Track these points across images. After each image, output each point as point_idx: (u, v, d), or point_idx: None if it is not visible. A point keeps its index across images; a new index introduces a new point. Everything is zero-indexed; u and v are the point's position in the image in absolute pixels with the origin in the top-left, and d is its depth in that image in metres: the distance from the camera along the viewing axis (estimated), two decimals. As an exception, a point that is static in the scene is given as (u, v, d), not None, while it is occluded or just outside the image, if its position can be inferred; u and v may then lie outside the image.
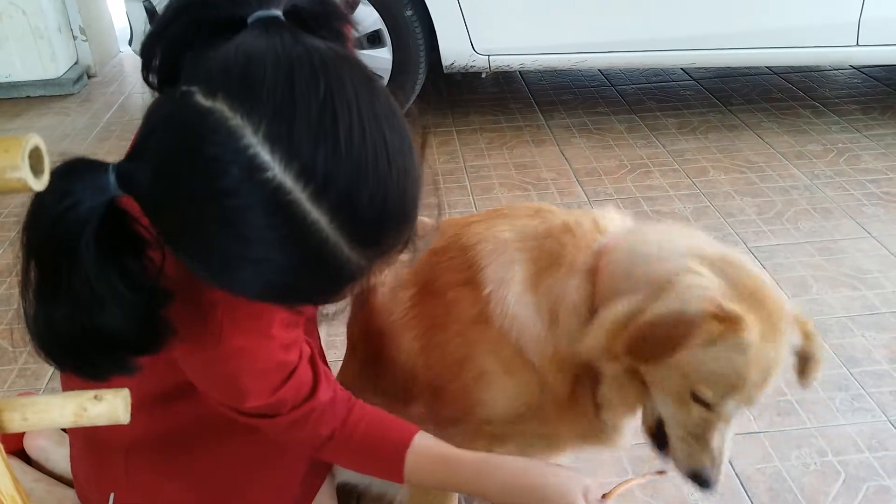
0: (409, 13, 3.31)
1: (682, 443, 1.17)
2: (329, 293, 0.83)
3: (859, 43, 3.19)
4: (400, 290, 1.34)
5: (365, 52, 3.41)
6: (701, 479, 1.16)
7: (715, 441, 1.14)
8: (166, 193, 0.72)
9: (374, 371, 1.42)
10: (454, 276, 1.28)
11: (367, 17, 3.33)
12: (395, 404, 1.32)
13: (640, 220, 1.31)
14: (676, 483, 1.70)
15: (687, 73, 4.31)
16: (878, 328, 2.21)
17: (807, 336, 1.18)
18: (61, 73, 4.26)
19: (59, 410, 0.60)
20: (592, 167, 3.28)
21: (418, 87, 3.54)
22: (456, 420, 1.30)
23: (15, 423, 0.60)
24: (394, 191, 0.76)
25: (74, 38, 4.42)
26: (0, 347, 2.22)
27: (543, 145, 3.54)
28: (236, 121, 0.69)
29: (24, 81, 4.21)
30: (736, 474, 1.75)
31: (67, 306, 0.72)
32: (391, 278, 1.33)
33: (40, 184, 0.49)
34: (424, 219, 0.89)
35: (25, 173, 0.48)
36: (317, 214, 0.71)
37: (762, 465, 1.78)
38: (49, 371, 2.11)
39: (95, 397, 0.60)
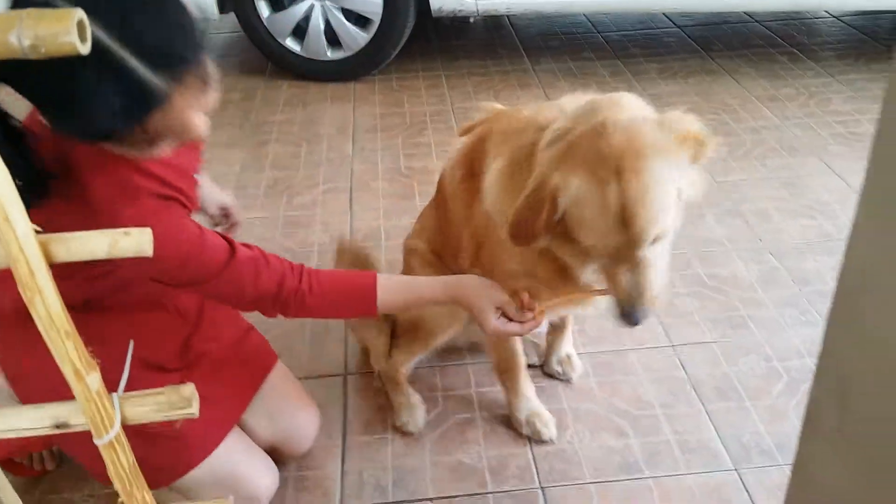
0: (398, -42, 3.41)
1: (605, 279, 1.37)
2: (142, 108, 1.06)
3: (832, -11, 3.30)
4: (455, 169, 1.62)
5: (355, -5, 3.52)
6: (625, 316, 1.34)
7: (624, 282, 1.31)
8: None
9: (441, 232, 1.77)
10: (480, 164, 1.53)
11: (358, -38, 3.44)
12: (452, 258, 1.73)
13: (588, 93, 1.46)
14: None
15: (671, 21, 4.42)
16: (829, 253, 2.38)
17: (697, 141, 1.27)
18: None
19: (96, 242, 0.75)
20: (574, 109, 3.42)
21: (407, 32, 3.64)
22: (490, 272, 1.55)
23: (62, 254, 0.76)
24: (166, 24, 1.05)
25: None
26: None
27: (529, 89, 3.67)
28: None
29: None
30: (687, 377, 1.94)
31: None
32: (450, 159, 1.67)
33: (85, 48, 0.64)
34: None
35: (74, 38, 0.62)
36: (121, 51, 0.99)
37: (712, 370, 1.96)
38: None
39: (125, 233, 0.76)
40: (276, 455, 1.63)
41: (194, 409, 0.87)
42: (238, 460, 1.51)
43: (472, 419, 1.85)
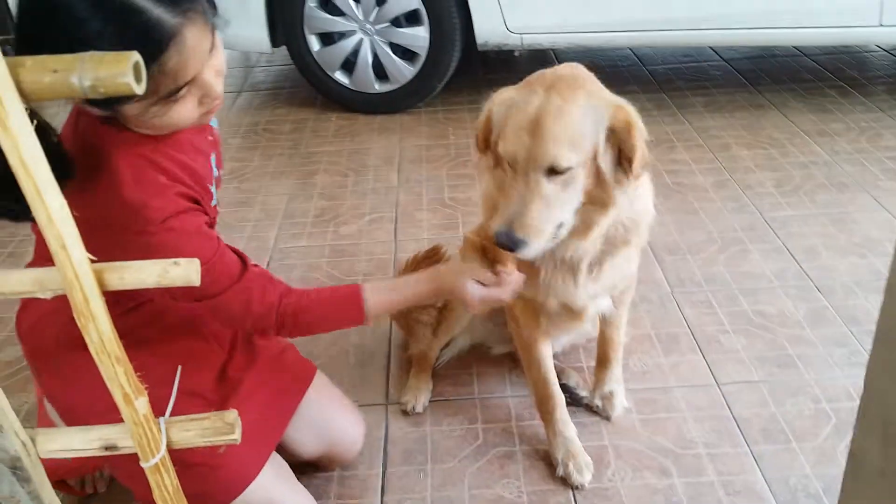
0: (446, -7, 3.48)
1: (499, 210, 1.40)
2: (158, 50, 1.09)
3: (882, 23, 3.26)
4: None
5: (403, 30, 3.59)
6: (497, 234, 1.36)
7: (507, 197, 1.36)
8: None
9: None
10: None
11: (406, -3, 3.51)
12: None
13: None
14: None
15: (717, 54, 4.41)
16: (880, 292, 2.30)
17: (622, 122, 1.33)
18: None
19: (148, 272, 0.78)
20: (619, 142, 3.41)
21: (454, 65, 3.70)
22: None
23: (115, 282, 0.79)
24: None
25: None
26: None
27: (573, 122, 3.67)
28: None
29: None
30: (733, 416, 1.90)
31: None
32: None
33: (140, 88, 0.67)
34: None
35: (130, 79, 0.66)
36: None
37: (758, 410, 1.92)
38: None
39: (175, 263, 0.79)
40: (327, 463, 1.69)
41: (237, 436, 0.89)
42: (274, 489, 1.51)
43: (512, 453, 1.84)
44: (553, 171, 1.32)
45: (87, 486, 1.75)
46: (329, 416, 1.68)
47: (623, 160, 1.35)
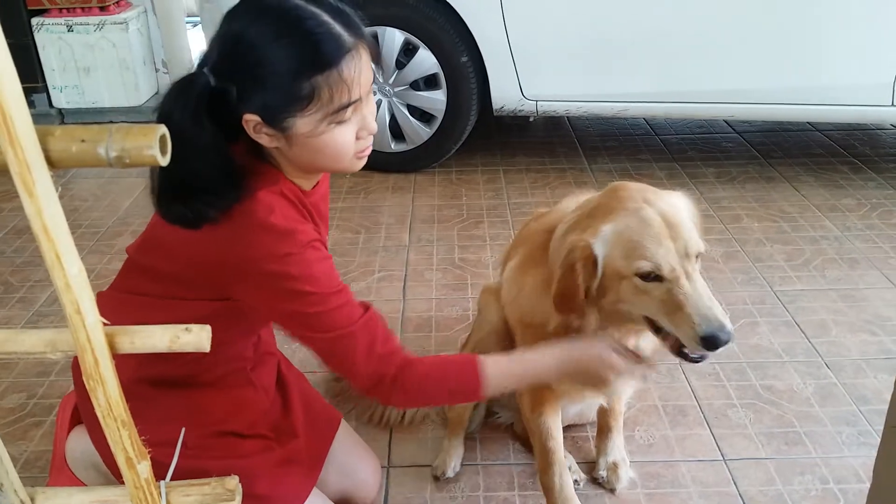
0: (464, 59, 3.56)
1: (669, 320, 1.37)
2: (338, 56, 1.21)
3: (894, 103, 3.30)
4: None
5: (422, 93, 3.66)
6: (709, 338, 1.32)
7: (691, 301, 1.34)
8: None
9: None
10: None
11: (426, 61, 3.58)
12: None
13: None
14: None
15: (730, 126, 4.46)
16: (891, 371, 2.31)
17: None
18: (143, 102, 4.62)
19: (159, 337, 0.79)
20: (630, 209, 3.44)
21: (469, 128, 3.76)
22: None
23: (126, 346, 0.80)
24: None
25: (157, 70, 4.79)
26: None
27: (585, 187, 3.68)
28: None
29: (110, 108, 4.59)
30: (739, 494, 1.88)
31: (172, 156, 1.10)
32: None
33: (165, 160, 0.69)
34: None
35: (156, 151, 0.68)
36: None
37: (765, 488, 1.89)
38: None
39: (186, 329, 0.80)
40: None
41: (237, 503, 0.89)
42: None
43: (512, 523, 1.82)
44: (698, 255, 1.38)
45: None
46: (353, 460, 1.76)
47: None
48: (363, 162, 1.36)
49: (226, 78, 1.22)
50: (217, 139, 1.22)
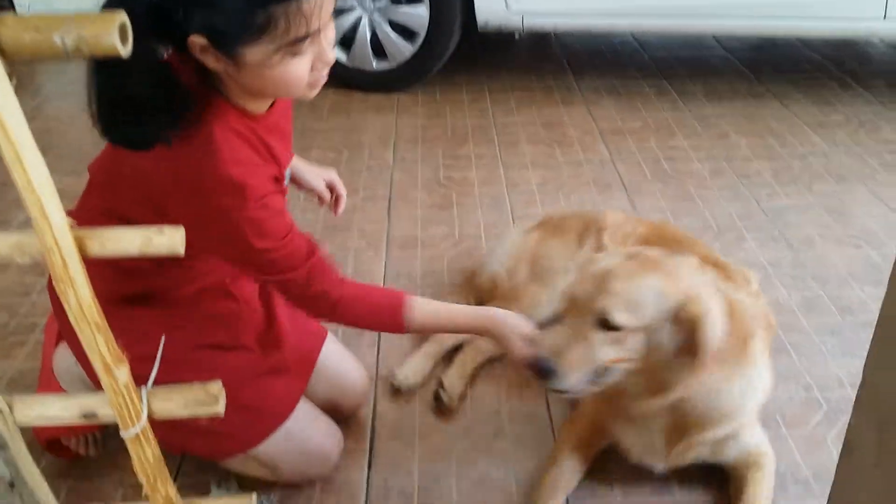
0: (447, -29, 3.44)
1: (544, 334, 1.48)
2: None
3: (886, 16, 3.23)
4: None
5: (403, 8, 3.55)
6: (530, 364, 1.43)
7: (553, 335, 1.44)
8: None
9: None
10: None
11: (407, -25, 3.47)
12: None
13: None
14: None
15: (719, 43, 4.37)
16: (875, 283, 2.32)
17: (690, 315, 1.37)
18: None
19: (130, 239, 0.76)
20: (618, 127, 3.40)
21: (453, 46, 3.66)
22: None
23: (96, 249, 0.76)
24: None
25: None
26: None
27: (572, 105, 3.65)
28: None
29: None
30: (723, 403, 1.89)
31: (107, 74, 1.09)
32: None
33: (125, 51, 0.64)
34: None
35: (115, 40, 0.64)
36: None
37: (749, 397, 1.91)
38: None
39: (159, 231, 0.77)
40: (331, 412, 1.72)
41: (220, 408, 0.87)
42: (308, 424, 1.60)
43: (500, 431, 1.83)
44: (605, 325, 1.37)
45: (80, 447, 1.73)
46: (341, 371, 1.78)
47: (690, 349, 1.38)
48: (317, 91, 1.29)
49: None
50: (156, 57, 1.15)
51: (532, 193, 2.87)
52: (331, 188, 1.83)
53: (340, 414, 1.80)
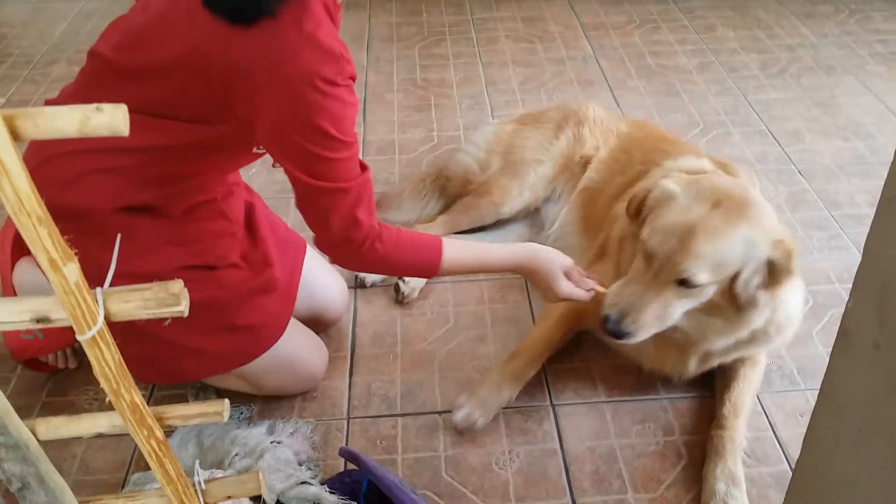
0: None
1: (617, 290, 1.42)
2: None
3: None
4: None
5: None
6: (602, 322, 1.41)
7: (627, 292, 1.38)
8: None
9: None
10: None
11: None
12: None
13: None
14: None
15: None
16: (863, 175, 2.27)
17: (783, 254, 1.31)
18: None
19: (66, 119, 0.68)
20: (601, 21, 3.27)
21: (428, -63, 3.47)
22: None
23: (29, 131, 0.69)
24: None
25: None
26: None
27: (553, 2, 3.50)
28: None
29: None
30: (709, 299, 1.87)
31: None
32: None
33: None
34: None
35: None
36: None
37: (735, 292, 1.89)
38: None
39: (97, 108, 0.69)
40: (313, 325, 1.70)
41: (183, 307, 0.81)
42: (296, 341, 1.58)
43: (484, 335, 1.81)
44: (683, 283, 1.31)
45: (58, 361, 1.70)
46: (322, 283, 1.74)
47: (771, 282, 1.33)
48: None
49: None
50: None
51: (513, 92, 2.77)
52: None
53: (322, 326, 1.77)
